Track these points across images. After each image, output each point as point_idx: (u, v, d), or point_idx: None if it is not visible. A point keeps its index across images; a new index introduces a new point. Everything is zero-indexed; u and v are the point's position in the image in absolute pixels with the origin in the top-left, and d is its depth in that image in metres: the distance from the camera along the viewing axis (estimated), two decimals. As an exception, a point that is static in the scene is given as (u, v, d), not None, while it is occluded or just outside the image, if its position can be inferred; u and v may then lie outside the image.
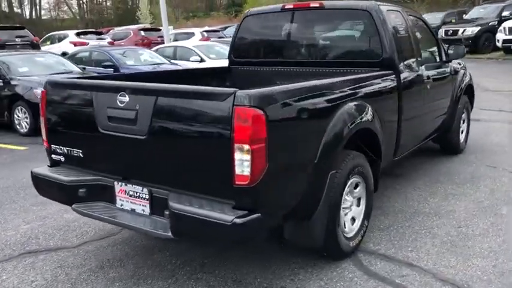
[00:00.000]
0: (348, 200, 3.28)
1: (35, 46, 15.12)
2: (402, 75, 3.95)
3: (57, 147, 3.17)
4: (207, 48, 13.46)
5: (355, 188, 3.36)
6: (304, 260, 3.28)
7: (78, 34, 17.65)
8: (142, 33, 18.94)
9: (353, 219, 3.39)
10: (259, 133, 2.33)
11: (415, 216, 4.02)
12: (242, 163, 2.32)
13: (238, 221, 2.31)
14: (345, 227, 3.27)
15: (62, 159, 3.18)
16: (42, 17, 57.48)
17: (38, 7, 56.74)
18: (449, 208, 4.17)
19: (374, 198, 4.31)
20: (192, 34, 20.10)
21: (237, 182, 2.36)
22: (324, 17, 4.21)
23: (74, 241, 3.73)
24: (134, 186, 2.82)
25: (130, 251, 3.53)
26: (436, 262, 3.24)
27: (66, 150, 3.11)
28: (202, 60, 12.54)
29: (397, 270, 3.14)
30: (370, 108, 3.36)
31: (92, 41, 16.87)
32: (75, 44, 16.44)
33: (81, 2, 56.32)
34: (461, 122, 5.81)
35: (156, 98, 2.59)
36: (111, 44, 17.13)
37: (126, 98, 2.71)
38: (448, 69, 5.17)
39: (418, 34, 4.62)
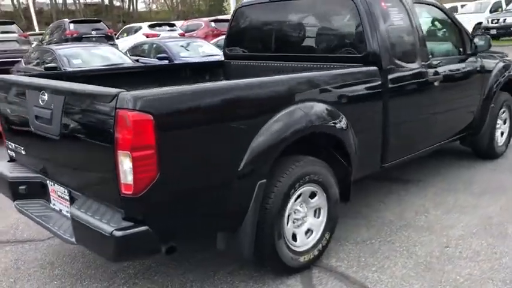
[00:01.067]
0: (300, 210, 2.98)
1: (109, 38, 15.92)
2: (390, 72, 3.50)
3: (9, 143, 3.22)
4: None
5: (312, 197, 3.04)
6: (251, 273, 3.04)
7: (151, 26, 18.31)
8: (213, 24, 19.14)
9: (310, 232, 3.08)
10: (145, 139, 2.14)
11: (403, 230, 3.58)
12: (125, 171, 2.16)
13: (117, 233, 2.15)
14: (295, 240, 2.98)
15: (14, 155, 3.22)
16: (139, 10, 60.75)
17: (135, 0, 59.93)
18: (448, 223, 3.66)
19: (369, 205, 3.98)
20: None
21: (123, 191, 2.20)
22: (310, 7, 3.85)
23: (46, 234, 3.79)
24: (59, 186, 2.78)
25: (90, 248, 3.51)
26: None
27: (14, 147, 3.15)
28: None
29: (346, 293, 2.80)
30: (331, 110, 3.01)
31: (164, 33, 17.39)
32: (147, 36, 17.04)
33: (174, -7, 58.47)
34: (500, 122, 5.12)
35: (64, 97, 2.50)
36: (182, 35, 17.52)
37: (45, 97, 2.65)
38: (475, 63, 4.54)
39: (429, 25, 4.09)
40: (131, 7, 60.02)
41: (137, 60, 10.40)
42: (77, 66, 9.10)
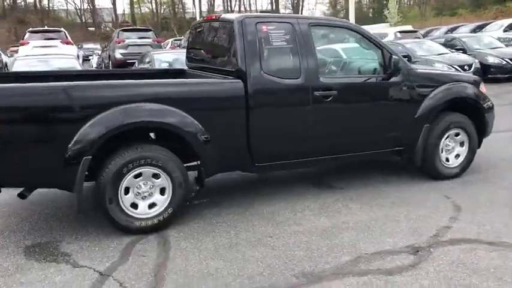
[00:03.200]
0: (142, 186, 3.88)
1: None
2: (257, 86, 4.13)
3: None
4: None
5: (157, 178, 3.91)
6: (101, 228, 4.00)
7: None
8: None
9: (154, 205, 3.94)
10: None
11: (257, 220, 4.16)
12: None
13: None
14: (135, 208, 3.88)
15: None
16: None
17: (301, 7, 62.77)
18: (302, 221, 4.12)
19: (265, 200, 4.66)
20: (386, 35, 19.90)
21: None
22: (216, 28, 4.63)
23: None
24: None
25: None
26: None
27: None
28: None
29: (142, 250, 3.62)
30: (173, 111, 3.83)
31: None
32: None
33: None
34: (452, 144, 5.13)
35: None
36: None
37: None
38: (399, 84, 4.73)
39: (337, 45, 4.53)
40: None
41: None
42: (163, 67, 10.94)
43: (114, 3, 56.49)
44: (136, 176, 3.85)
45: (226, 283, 3.14)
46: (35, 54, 13.13)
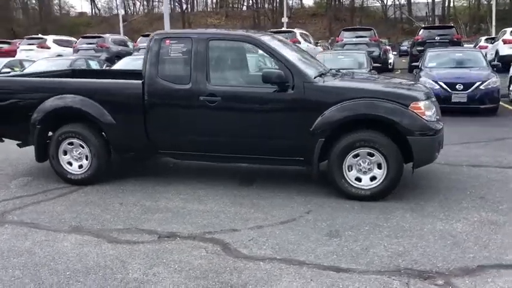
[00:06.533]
0: (74, 152, 5.63)
1: (454, 43, 16.53)
2: (151, 87, 5.24)
3: None
4: None
5: (83, 148, 5.60)
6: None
7: None
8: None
9: (81, 166, 5.66)
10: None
11: (138, 189, 5.33)
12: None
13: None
14: (71, 166, 5.67)
15: None
16: None
17: None
18: (157, 197, 5.07)
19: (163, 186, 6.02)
20: None
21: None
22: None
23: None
24: None
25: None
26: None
27: None
28: None
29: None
30: (87, 101, 5.40)
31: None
32: (505, 42, 16.37)
33: None
34: (366, 165, 4.84)
35: None
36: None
37: None
38: (290, 96, 4.90)
39: (223, 58, 5.16)
40: None
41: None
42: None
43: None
44: (71, 144, 5.63)
45: (48, 217, 4.64)
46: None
